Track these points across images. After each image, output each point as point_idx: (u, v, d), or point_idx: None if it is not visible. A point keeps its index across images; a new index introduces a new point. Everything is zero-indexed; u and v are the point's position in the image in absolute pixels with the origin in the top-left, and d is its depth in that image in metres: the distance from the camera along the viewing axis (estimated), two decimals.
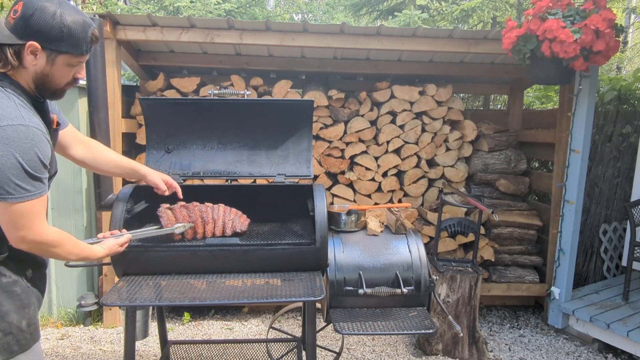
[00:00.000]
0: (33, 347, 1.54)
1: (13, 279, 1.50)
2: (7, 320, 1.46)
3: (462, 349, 3.34)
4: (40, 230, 1.45)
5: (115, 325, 3.74)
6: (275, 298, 1.81)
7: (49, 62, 1.45)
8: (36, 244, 1.45)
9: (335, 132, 4.06)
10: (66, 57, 1.47)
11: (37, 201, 1.42)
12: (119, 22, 3.42)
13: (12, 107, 1.38)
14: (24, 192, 1.38)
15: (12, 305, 1.48)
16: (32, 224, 1.42)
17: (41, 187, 1.43)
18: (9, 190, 1.35)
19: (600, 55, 3.02)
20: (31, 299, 1.56)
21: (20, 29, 1.39)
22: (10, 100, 1.40)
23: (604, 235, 4.38)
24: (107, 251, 1.78)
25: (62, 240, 1.53)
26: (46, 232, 1.47)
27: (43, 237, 1.46)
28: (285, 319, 3.99)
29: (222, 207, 2.22)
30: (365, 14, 9.88)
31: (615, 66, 8.58)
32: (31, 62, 1.43)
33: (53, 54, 1.44)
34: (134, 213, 2.14)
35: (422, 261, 2.22)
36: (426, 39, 3.60)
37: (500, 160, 4.25)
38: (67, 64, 1.48)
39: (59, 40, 1.43)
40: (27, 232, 1.42)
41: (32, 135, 1.37)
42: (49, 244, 1.49)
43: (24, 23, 1.39)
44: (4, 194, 1.35)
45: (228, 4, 7.92)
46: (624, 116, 4.42)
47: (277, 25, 3.48)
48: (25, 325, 1.51)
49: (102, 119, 2.72)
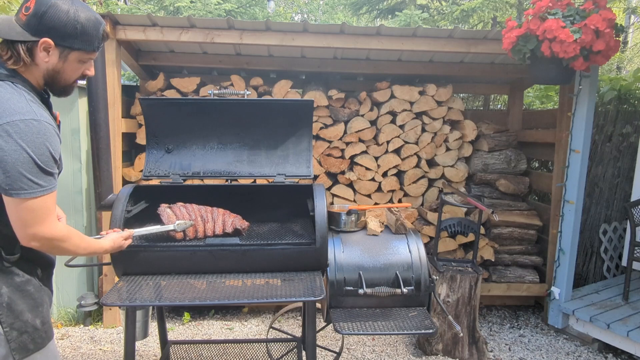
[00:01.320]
0: (48, 346, 1.55)
1: (26, 278, 1.51)
2: (22, 319, 1.47)
3: (462, 349, 3.34)
4: (51, 227, 1.44)
5: (115, 325, 3.74)
6: (275, 298, 1.81)
7: (62, 58, 1.46)
8: (47, 240, 1.44)
9: (335, 132, 4.06)
10: (78, 54, 1.48)
11: (48, 197, 1.41)
12: (119, 22, 3.42)
13: (23, 101, 1.38)
14: (37, 188, 1.37)
15: (26, 305, 1.49)
16: (44, 220, 1.41)
17: (52, 183, 1.42)
18: (22, 186, 1.34)
19: (600, 55, 3.02)
20: (44, 298, 1.57)
21: (33, 25, 1.40)
22: (21, 95, 1.40)
23: (604, 235, 4.38)
24: (111, 243, 1.78)
25: (70, 235, 1.53)
26: (57, 228, 1.46)
27: (54, 233, 1.45)
28: (285, 319, 3.99)
29: (221, 209, 2.23)
30: (365, 13, 9.88)
31: (615, 66, 8.58)
32: (43, 59, 1.44)
33: (66, 51, 1.46)
34: (134, 213, 2.14)
35: (422, 261, 2.22)
36: (426, 39, 3.60)
37: (500, 160, 4.25)
38: (78, 60, 1.50)
39: (73, 37, 1.44)
40: (38, 229, 1.40)
41: (43, 130, 1.37)
42: (60, 238, 1.47)
43: (37, 20, 1.39)
44: (17, 190, 1.34)
45: (228, 4, 7.92)
46: (624, 116, 4.42)
47: (277, 25, 3.48)
48: (40, 324, 1.52)
49: (102, 119, 2.72)
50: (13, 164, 1.32)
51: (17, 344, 1.44)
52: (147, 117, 2.43)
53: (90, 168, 3.50)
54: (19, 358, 1.45)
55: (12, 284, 1.47)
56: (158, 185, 2.38)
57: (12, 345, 1.43)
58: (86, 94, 2.77)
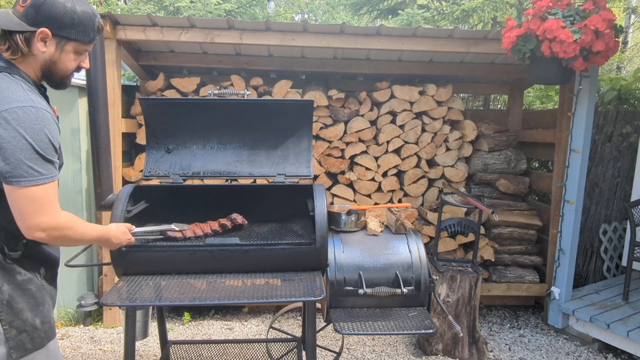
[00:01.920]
0: (48, 345, 1.54)
1: (28, 277, 1.51)
2: (21, 318, 1.46)
3: (462, 349, 3.34)
4: (55, 215, 1.43)
5: (115, 325, 3.75)
6: (275, 298, 1.81)
7: (58, 48, 1.49)
8: (52, 229, 1.43)
9: (335, 132, 4.06)
10: (75, 45, 1.52)
11: (49, 185, 1.41)
12: (119, 22, 3.42)
13: (20, 90, 1.40)
14: (37, 175, 1.37)
15: (27, 303, 1.49)
16: (47, 209, 1.40)
17: (53, 171, 1.43)
18: (22, 173, 1.34)
19: (600, 56, 3.02)
20: (45, 297, 1.57)
21: (31, 16, 1.43)
22: (19, 85, 1.42)
23: (604, 235, 4.38)
24: (115, 227, 1.80)
25: (74, 221, 1.52)
26: (60, 216, 1.46)
27: (58, 221, 1.44)
28: (285, 319, 3.99)
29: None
30: (365, 13, 9.88)
31: (615, 66, 8.57)
32: (41, 49, 1.47)
33: (62, 41, 1.49)
34: (134, 213, 2.14)
35: (422, 261, 2.22)
36: (426, 39, 3.60)
37: (500, 160, 4.25)
38: (75, 51, 1.53)
39: (70, 27, 1.47)
40: (42, 218, 1.40)
41: (42, 117, 1.39)
42: (64, 226, 1.47)
43: (35, 10, 1.43)
44: (17, 177, 1.34)
45: (228, 4, 7.92)
46: (624, 116, 4.42)
47: (277, 25, 3.48)
48: (39, 324, 1.51)
49: (102, 119, 2.71)
50: (12, 151, 1.33)
51: (15, 343, 1.44)
52: (147, 117, 2.43)
53: (90, 168, 3.50)
54: (16, 357, 1.45)
55: (13, 282, 1.47)
56: (158, 185, 2.38)
57: (10, 344, 1.43)
58: (86, 94, 2.76)
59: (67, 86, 1.61)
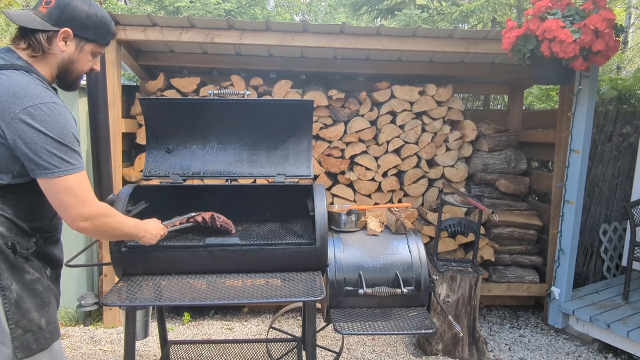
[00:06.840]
0: (52, 346, 1.55)
1: (36, 277, 1.52)
2: (28, 318, 1.47)
3: (462, 349, 3.34)
4: (94, 204, 1.49)
5: (115, 325, 3.75)
6: (275, 298, 1.81)
7: (78, 48, 1.56)
8: (94, 217, 1.49)
9: (335, 132, 4.06)
10: (93, 46, 1.60)
11: (81, 175, 1.46)
12: (119, 22, 3.42)
13: (40, 87, 1.45)
14: (69, 165, 1.43)
15: (34, 303, 1.50)
16: (85, 198, 1.46)
17: (80, 162, 1.48)
18: (53, 164, 1.40)
19: (600, 55, 3.02)
20: (50, 298, 1.58)
21: (55, 16, 1.50)
22: (36, 82, 1.46)
23: (604, 235, 4.38)
24: (154, 223, 1.88)
25: (112, 210, 1.60)
26: (99, 204, 1.52)
27: (99, 210, 1.51)
28: (285, 319, 3.99)
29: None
30: (364, 13, 9.87)
31: (615, 66, 8.57)
32: (61, 48, 1.53)
33: (82, 42, 1.56)
34: (134, 213, 2.14)
35: (422, 261, 2.22)
36: (426, 39, 3.60)
37: (500, 160, 4.25)
38: (92, 52, 1.61)
39: (91, 29, 1.55)
40: (83, 207, 1.46)
41: (64, 113, 1.45)
42: (105, 214, 1.54)
43: (59, 11, 1.50)
44: (52, 169, 1.40)
45: (228, 4, 7.92)
46: (624, 116, 4.42)
47: (277, 25, 3.48)
48: (45, 324, 1.52)
49: (102, 119, 2.72)
50: (42, 145, 1.38)
51: (20, 342, 1.45)
52: (147, 117, 2.42)
53: (90, 168, 3.50)
54: (21, 357, 1.45)
55: (22, 281, 1.48)
56: (158, 185, 2.38)
57: (15, 344, 1.44)
58: (86, 94, 2.77)
59: (77, 88, 1.66)
